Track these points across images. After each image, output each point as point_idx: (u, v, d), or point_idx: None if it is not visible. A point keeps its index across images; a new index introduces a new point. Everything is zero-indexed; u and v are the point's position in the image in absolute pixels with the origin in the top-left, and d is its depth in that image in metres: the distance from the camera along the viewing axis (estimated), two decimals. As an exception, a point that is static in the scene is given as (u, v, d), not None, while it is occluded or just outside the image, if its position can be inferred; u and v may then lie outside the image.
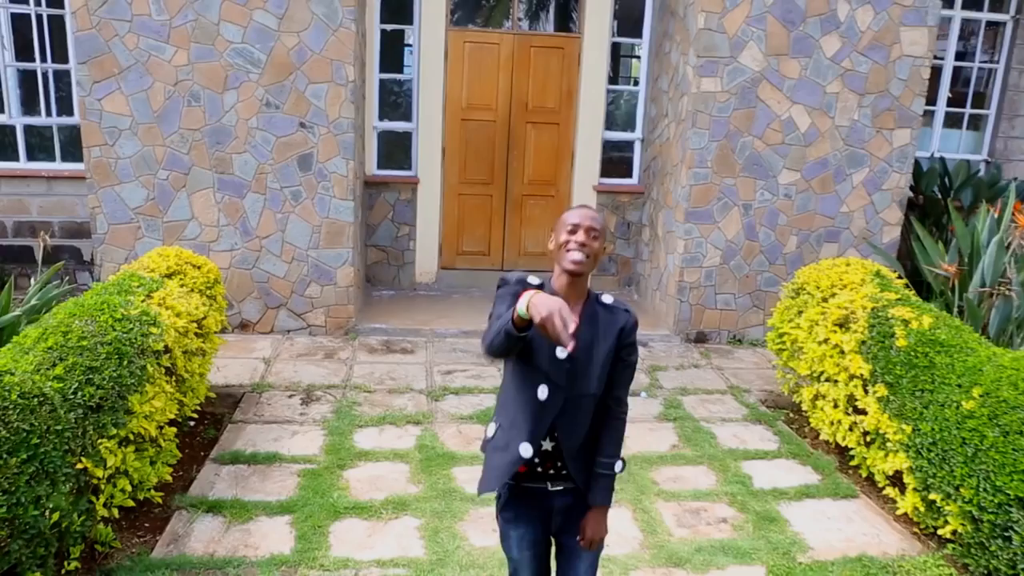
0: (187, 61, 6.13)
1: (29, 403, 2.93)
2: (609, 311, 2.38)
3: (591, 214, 2.34)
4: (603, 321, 2.37)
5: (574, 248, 2.27)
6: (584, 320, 2.34)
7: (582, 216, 2.32)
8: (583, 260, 2.28)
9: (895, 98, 6.79)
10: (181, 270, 4.81)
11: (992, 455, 3.54)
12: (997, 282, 5.26)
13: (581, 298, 2.37)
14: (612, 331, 2.36)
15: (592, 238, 2.29)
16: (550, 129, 7.94)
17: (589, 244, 2.28)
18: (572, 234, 2.29)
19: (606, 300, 2.41)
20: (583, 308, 2.36)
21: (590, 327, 2.35)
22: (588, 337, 2.33)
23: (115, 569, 3.49)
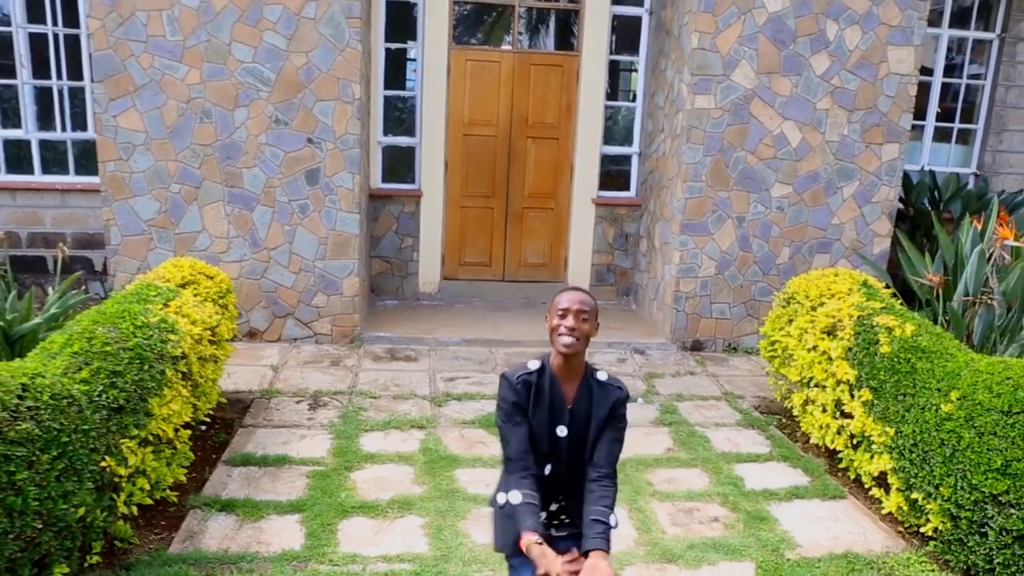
0: (199, 79, 6.35)
1: (59, 404, 3.13)
2: (602, 387, 2.58)
3: (580, 297, 2.52)
4: (597, 396, 2.56)
5: (564, 333, 2.47)
6: (581, 395, 2.56)
7: (571, 301, 2.50)
8: (573, 343, 2.47)
9: (883, 114, 7.01)
10: (195, 280, 5.01)
11: (968, 455, 3.73)
12: (980, 291, 5.45)
13: (579, 374, 2.56)
14: (606, 405, 2.56)
15: (582, 321, 2.47)
16: (550, 144, 8.16)
17: (579, 327, 2.47)
18: (563, 319, 2.48)
19: (600, 377, 2.60)
20: (579, 384, 2.57)
21: (587, 401, 2.57)
22: (585, 411, 2.57)
23: (134, 564, 3.67)
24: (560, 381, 2.56)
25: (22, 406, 2.94)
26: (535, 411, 2.55)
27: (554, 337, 2.51)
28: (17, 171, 7.66)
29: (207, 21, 6.27)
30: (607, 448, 2.57)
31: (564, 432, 2.56)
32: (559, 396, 2.56)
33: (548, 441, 2.56)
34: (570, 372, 2.56)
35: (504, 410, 2.54)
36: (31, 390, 3.03)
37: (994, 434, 3.65)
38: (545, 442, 2.56)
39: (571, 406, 2.56)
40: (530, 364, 2.57)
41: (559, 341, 2.49)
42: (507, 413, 2.53)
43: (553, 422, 2.56)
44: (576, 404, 2.57)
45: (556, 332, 2.50)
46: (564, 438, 2.56)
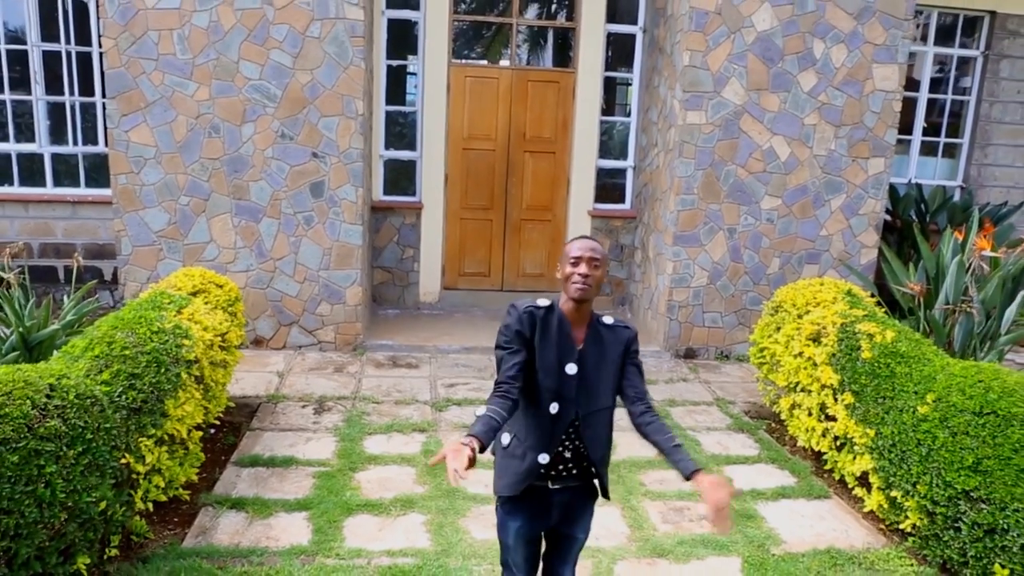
0: (208, 96, 6.59)
1: (83, 403, 3.33)
2: (611, 330, 2.68)
3: (591, 245, 2.61)
4: (607, 339, 2.66)
5: (578, 279, 2.56)
6: (589, 340, 2.64)
7: (583, 248, 2.59)
8: (586, 288, 2.57)
9: (869, 129, 7.25)
10: (205, 289, 5.22)
11: (943, 454, 3.93)
12: (960, 300, 5.66)
13: (587, 319, 2.67)
14: (618, 345, 2.67)
15: (594, 267, 2.56)
16: (547, 157, 8.39)
17: (591, 274, 2.56)
18: (575, 266, 2.56)
19: (607, 321, 2.70)
20: (587, 330, 2.65)
21: (595, 346, 2.64)
22: (595, 355, 2.63)
23: (150, 556, 3.86)
24: (570, 324, 2.63)
25: (50, 404, 3.15)
26: (542, 345, 2.59)
27: (567, 285, 2.59)
28: (30, 183, 7.89)
29: (216, 40, 6.51)
30: (638, 381, 2.68)
31: (574, 370, 2.60)
32: (568, 336, 2.62)
33: (556, 378, 2.59)
34: (580, 317, 2.63)
35: (504, 336, 2.59)
36: (58, 390, 3.24)
37: (966, 434, 3.85)
38: (553, 378, 2.59)
39: (582, 346, 2.63)
40: (539, 300, 2.64)
41: (572, 288, 2.57)
42: (506, 339, 2.59)
43: (562, 359, 2.60)
44: (587, 345, 2.63)
45: (569, 280, 2.57)
46: (573, 376, 2.60)
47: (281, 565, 3.84)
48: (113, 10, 6.38)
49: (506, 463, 2.72)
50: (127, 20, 6.41)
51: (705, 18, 6.85)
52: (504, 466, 2.73)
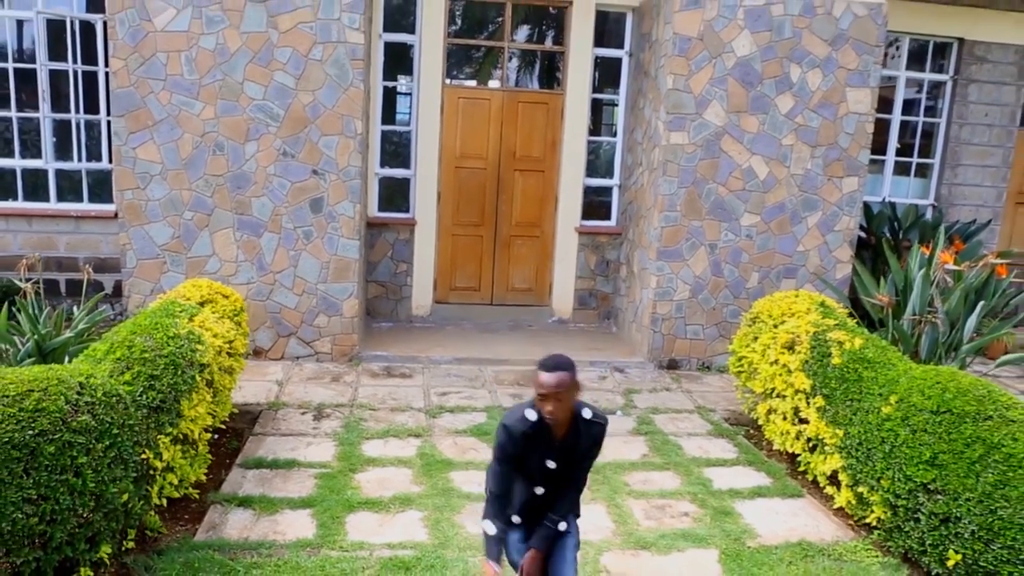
0: (214, 115, 6.88)
1: (109, 400, 3.60)
2: (588, 425, 3.08)
3: (556, 380, 2.90)
4: (583, 432, 3.08)
5: (547, 415, 2.95)
6: (570, 433, 3.06)
7: (548, 387, 2.91)
8: (554, 421, 2.98)
9: (843, 150, 7.63)
10: (212, 299, 5.49)
11: (904, 450, 4.25)
12: (926, 311, 6.00)
13: (567, 420, 3.05)
14: (590, 438, 3.10)
15: (558, 400, 2.93)
16: (536, 176, 8.73)
17: (556, 409, 2.94)
18: (543, 401, 2.94)
19: (586, 415, 3.08)
20: (569, 426, 3.06)
21: (575, 439, 3.07)
22: (572, 446, 3.08)
23: (165, 549, 4.11)
24: (552, 426, 3.04)
25: (81, 401, 3.42)
26: (530, 451, 3.06)
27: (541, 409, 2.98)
28: (34, 198, 8.13)
29: (222, 62, 6.81)
30: (582, 471, 3.19)
31: (553, 465, 3.10)
32: (549, 437, 3.06)
33: (540, 472, 3.11)
34: (558, 423, 3.04)
35: (500, 457, 3.09)
36: (87, 388, 3.51)
37: (925, 431, 4.18)
38: (537, 473, 3.12)
39: (560, 440, 3.07)
40: (528, 414, 3.03)
41: (545, 415, 2.97)
42: (501, 459, 3.09)
43: (543, 457, 3.09)
44: (564, 440, 3.08)
45: (542, 409, 2.97)
46: (553, 469, 3.10)
47: (288, 556, 4.10)
48: (123, 32, 6.68)
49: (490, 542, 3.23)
50: (137, 42, 6.71)
51: (688, 44, 7.23)
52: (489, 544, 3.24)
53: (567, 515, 3.18)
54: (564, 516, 3.16)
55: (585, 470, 3.21)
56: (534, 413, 3.02)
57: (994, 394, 4.17)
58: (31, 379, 3.31)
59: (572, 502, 3.22)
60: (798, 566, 4.32)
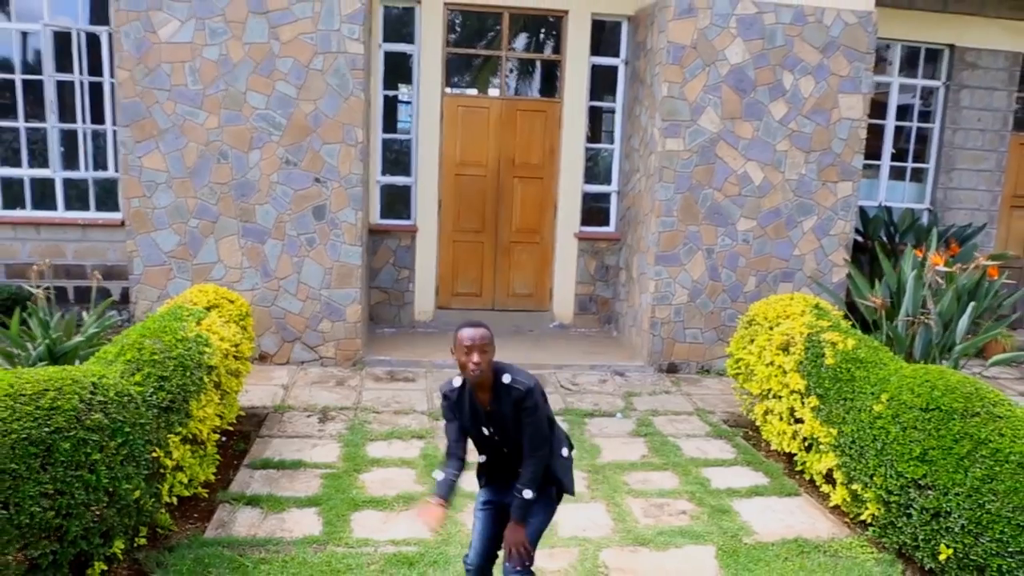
0: (218, 124, 7.02)
1: (121, 400, 3.71)
2: (507, 389, 3.13)
3: (480, 333, 3.07)
4: (504, 398, 3.13)
5: (472, 367, 3.04)
6: (493, 400, 3.15)
7: (472, 338, 3.05)
8: (479, 373, 3.06)
9: (837, 155, 7.75)
10: (219, 304, 5.61)
11: (895, 447, 4.35)
12: (919, 312, 6.11)
13: (488, 384, 3.14)
14: (510, 404, 3.13)
15: (483, 352, 3.04)
16: (535, 183, 8.86)
17: (482, 360, 3.04)
18: (468, 355, 3.05)
19: (504, 380, 3.13)
20: (491, 392, 3.15)
21: (499, 403, 3.14)
22: (499, 410, 3.15)
23: (175, 546, 4.21)
24: (476, 392, 3.17)
25: (94, 400, 3.53)
26: (461, 417, 3.22)
27: (464, 371, 3.10)
28: (41, 207, 8.26)
29: (225, 72, 6.95)
30: (526, 438, 3.18)
31: (487, 432, 3.23)
32: (477, 404, 3.18)
33: (479, 439, 3.28)
34: (481, 387, 3.16)
35: (443, 414, 3.30)
36: (100, 387, 3.62)
37: (915, 428, 4.27)
38: (477, 439, 3.28)
39: (489, 409, 3.17)
40: (454, 381, 3.24)
41: (468, 373, 3.09)
42: (444, 416, 3.30)
43: (477, 424, 3.22)
44: (492, 406, 3.16)
45: (465, 367, 3.07)
46: (490, 436, 3.23)
47: (296, 553, 4.20)
48: (129, 44, 6.82)
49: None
50: (142, 53, 6.84)
51: (682, 52, 7.36)
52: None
53: (530, 485, 3.18)
54: (527, 485, 3.17)
55: (528, 437, 3.16)
56: (459, 379, 3.21)
57: (981, 391, 4.27)
58: (46, 379, 3.42)
59: (532, 472, 3.18)
60: (794, 562, 4.41)
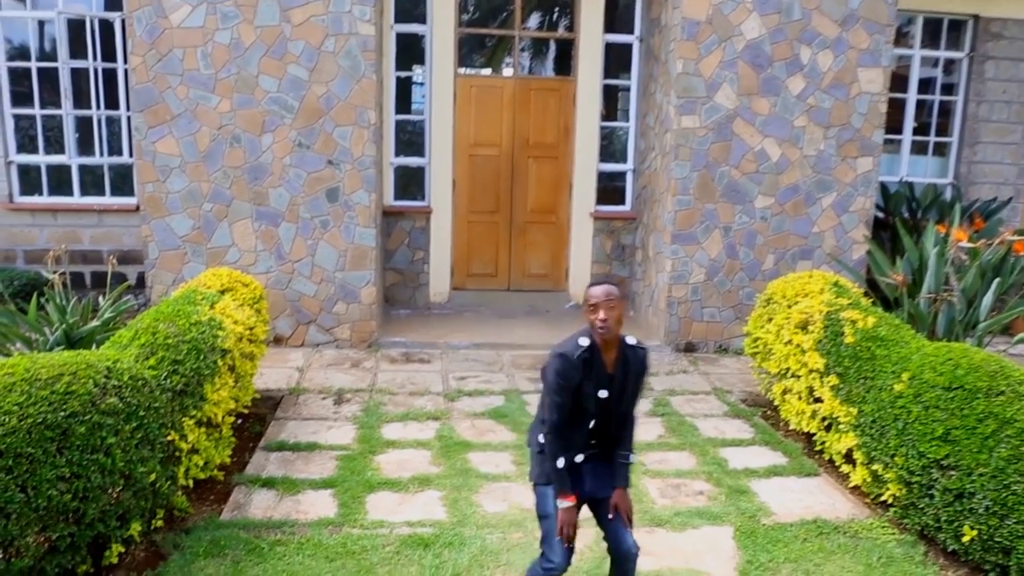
0: (230, 108, 6.99)
1: (135, 384, 3.72)
2: (634, 351, 3.16)
3: (606, 290, 3.02)
4: (631, 358, 3.13)
5: (599, 324, 2.99)
6: (619, 363, 3.10)
7: (598, 296, 3.01)
8: (607, 330, 3.00)
9: (856, 130, 7.61)
10: (232, 287, 5.61)
11: (916, 426, 4.28)
12: (942, 289, 6.01)
13: (615, 344, 3.11)
14: (639, 364, 3.15)
15: (610, 309, 2.99)
16: (550, 162, 8.78)
17: (609, 316, 2.98)
18: (594, 312, 3.00)
19: (630, 341, 3.16)
20: (617, 352, 3.11)
21: (624, 367, 3.10)
22: (622, 375, 3.11)
23: (192, 528, 4.23)
24: (603, 353, 3.09)
25: (109, 384, 3.53)
26: (586, 381, 3.06)
27: (592, 328, 3.03)
28: (58, 193, 8.30)
29: (237, 56, 6.91)
30: (635, 396, 3.20)
31: (605, 395, 3.11)
32: (602, 365, 3.09)
33: (594, 401, 3.11)
34: (610, 346, 3.09)
35: (561, 385, 3.04)
36: (114, 372, 3.62)
37: (937, 407, 4.20)
38: (591, 402, 3.10)
39: (612, 371, 3.10)
40: (581, 341, 3.08)
41: (596, 331, 3.01)
42: (562, 388, 3.05)
43: (597, 386, 3.09)
44: (617, 369, 3.10)
45: (593, 325, 3.01)
46: (606, 398, 3.11)
47: (311, 534, 4.21)
48: (141, 29, 6.80)
49: (540, 459, 3.24)
50: (154, 38, 6.82)
51: (697, 27, 7.24)
52: (539, 462, 3.26)
53: (632, 449, 3.21)
54: (631, 449, 3.20)
55: (635, 401, 3.21)
56: (587, 339, 3.07)
57: (1006, 370, 4.19)
58: (61, 363, 3.42)
59: (632, 436, 3.25)
60: (813, 543, 4.36)
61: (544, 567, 3.23)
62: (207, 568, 3.86)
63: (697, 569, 4.08)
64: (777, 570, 4.10)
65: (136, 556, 3.92)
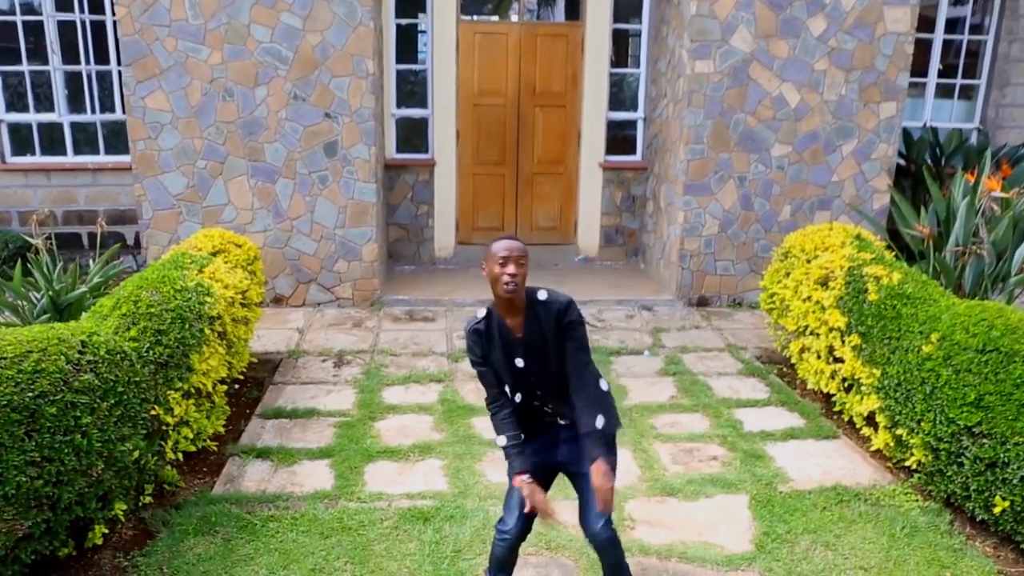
0: (221, 60, 6.67)
1: (113, 358, 3.50)
2: (544, 306, 2.81)
3: (515, 244, 2.76)
4: (543, 316, 2.80)
5: (507, 279, 2.71)
6: (528, 326, 2.81)
7: (508, 249, 2.74)
8: (515, 288, 2.73)
9: (881, 73, 7.20)
10: (225, 248, 5.37)
11: (946, 391, 4.02)
12: (970, 242, 5.69)
13: (521, 307, 2.82)
14: (551, 319, 2.79)
15: (519, 265, 2.73)
16: (557, 111, 8.42)
17: (518, 272, 2.72)
18: (503, 266, 2.72)
19: (541, 297, 2.83)
20: (524, 315, 2.82)
21: (535, 325, 2.80)
22: (537, 334, 2.81)
23: (182, 503, 4.06)
24: (506, 319, 2.83)
25: (83, 360, 3.32)
26: (491, 352, 2.87)
27: (497, 285, 2.75)
28: (51, 152, 8.05)
29: (227, 4, 6.57)
30: (571, 359, 2.82)
31: (521, 363, 2.86)
32: (507, 333, 2.84)
33: (510, 374, 2.88)
34: (513, 309, 2.82)
35: (471, 358, 2.93)
36: (89, 346, 3.41)
37: (969, 371, 3.93)
38: (508, 375, 2.88)
39: (521, 335, 2.83)
40: (478, 313, 2.91)
41: (503, 288, 2.73)
42: (474, 361, 2.93)
43: (509, 356, 2.85)
44: (526, 333, 2.82)
45: (499, 280, 2.73)
46: (523, 368, 2.86)
47: (306, 509, 4.04)
48: (124, -24, 6.46)
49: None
50: (138, -14, 6.49)
51: (712, -35, 6.81)
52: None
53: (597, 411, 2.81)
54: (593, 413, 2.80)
55: (573, 359, 2.81)
56: (483, 310, 2.89)
57: (1044, 330, 3.91)
58: (30, 339, 3.21)
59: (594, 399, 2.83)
60: (833, 512, 4.16)
61: (499, 529, 3.07)
62: (196, 547, 3.70)
63: (711, 542, 3.88)
64: (795, 542, 3.90)
65: (123, 535, 3.77)
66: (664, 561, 3.72)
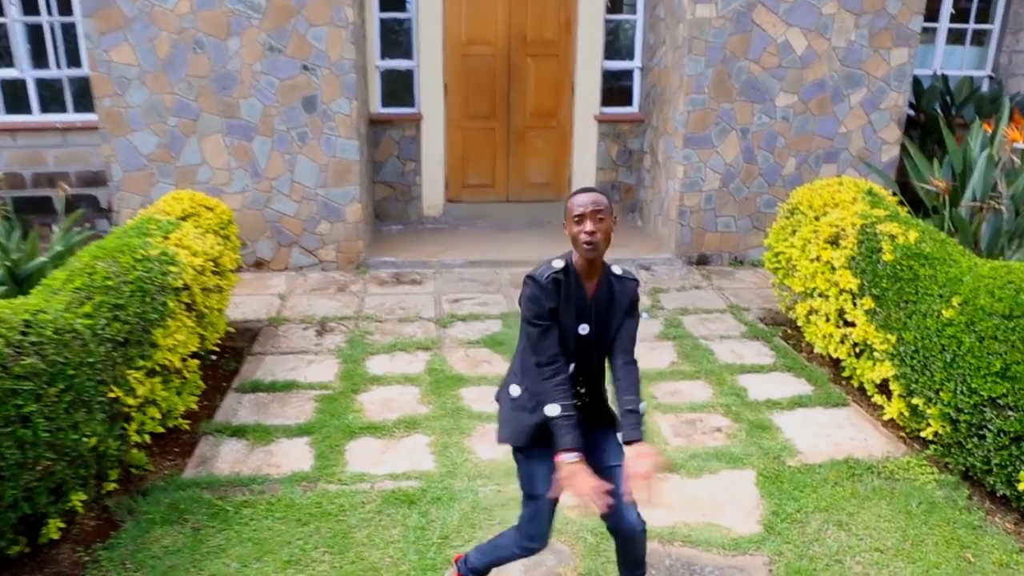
0: (190, 9, 6.24)
1: (62, 338, 3.18)
2: (620, 281, 2.64)
3: (593, 198, 2.50)
4: (617, 291, 2.62)
5: (586, 238, 2.46)
6: (601, 294, 2.60)
7: (584, 203, 2.48)
8: (595, 245, 2.47)
9: (892, 17, 6.79)
10: (195, 212, 5.03)
11: (968, 359, 3.73)
12: (988, 196, 5.36)
13: (598, 273, 2.59)
14: (626, 297, 2.63)
15: (599, 220, 2.47)
16: (550, 61, 7.99)
17: (597, 229, 2.47)
18: (579, 224, 2.47)
19: (616, 271, 2.65)
20: (598, 283, 2.60)
21: (606, 300, 2.60)
22: (604, 310, 2.60)
23: (150, 489, 3.78)
24: (583, 279, 2.58)
25: (26, 341, 3.00)
26: (564, 310, 2.55)
27: (576, 245, 2.51)
28: (16, 111, 7.62)
29: (192, -54, 6.12)
30: (629, 336, 2.64)
31: (586, 330, 2.60)
32: (582, 294, 2.58)
33: (572, 339, 2.59)
34: (592, 270, 2.58)
35: (534, 311, 2.52)
36: (34, 326, 3.09)
37: (994, 338, 3.64)
38: (570, 340, 2.58)
39: (591, 302, 2.59)
40: (555, 263, 2.56)
41: (582, 248, 2.49)
42: (536, 315, 2.52)
43: (577, 320, 2.58)
44: (597, 300, 2.59)
45: (577, 239, 2.49)
46: (586, 335, 2.60)
47: (282, 493, 3.77)
48: (80, -82, 5.99)
49: (515, 415, 2.71)
50: (96, -72, 6.02)
51: (715, -101, 6.36)
52: (512, 418, 2.73)
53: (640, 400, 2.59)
54: (639, 397, 2.59)
55: (630, 340, 2.65)
56: (561, 261, 2.57)
57: (1077, 293, 3.61)
58: (-36, 320, 2.89)
59: (637, 381, 2.63)
60: (845, 487, 3.90)
61: (526, 547, 2.76)
62: (163, 538, 3.43)
63: (716, 523, 3.63)
64: (806, 522, 3.65)
65: (85, 527, 3.50)
66: (666, 546, 3.47)
